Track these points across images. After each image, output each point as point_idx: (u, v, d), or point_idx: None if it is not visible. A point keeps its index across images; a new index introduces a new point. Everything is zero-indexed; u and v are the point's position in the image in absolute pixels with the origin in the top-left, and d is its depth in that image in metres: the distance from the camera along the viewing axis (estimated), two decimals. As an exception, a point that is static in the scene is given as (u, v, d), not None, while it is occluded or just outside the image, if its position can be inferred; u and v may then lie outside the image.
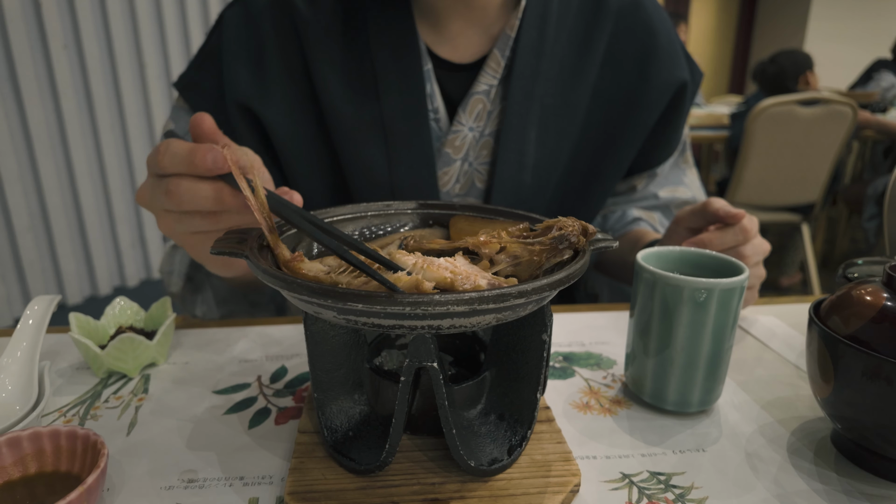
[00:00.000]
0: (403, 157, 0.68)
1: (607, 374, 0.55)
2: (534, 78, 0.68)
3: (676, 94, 0.73)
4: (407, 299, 0.30)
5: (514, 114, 0.68)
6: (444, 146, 0.70)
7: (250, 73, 0.68)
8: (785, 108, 2.37)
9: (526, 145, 0.69)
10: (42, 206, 2.26)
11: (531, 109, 0.68)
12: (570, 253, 0.38)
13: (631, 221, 0.81)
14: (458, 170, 0.71)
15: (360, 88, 0.67)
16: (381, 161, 0.68)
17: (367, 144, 0.68)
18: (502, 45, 0.68)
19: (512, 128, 0.68)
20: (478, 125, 0.69)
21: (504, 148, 0.68)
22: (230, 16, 0.69)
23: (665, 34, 0.73)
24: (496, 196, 0.70)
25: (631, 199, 0.82)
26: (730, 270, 0.47)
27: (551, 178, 0.72)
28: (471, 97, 0.68)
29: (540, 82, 0.68)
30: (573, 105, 0.70)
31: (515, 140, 0.69)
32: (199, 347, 0.59)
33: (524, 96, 0.68)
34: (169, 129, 0.70)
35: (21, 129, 2.15)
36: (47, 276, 2.32)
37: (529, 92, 0.68)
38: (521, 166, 0.69)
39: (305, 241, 0.44)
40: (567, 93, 0.70)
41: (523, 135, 0.69)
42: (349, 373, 0.44)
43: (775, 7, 6.45)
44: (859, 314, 0.39)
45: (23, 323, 0.50)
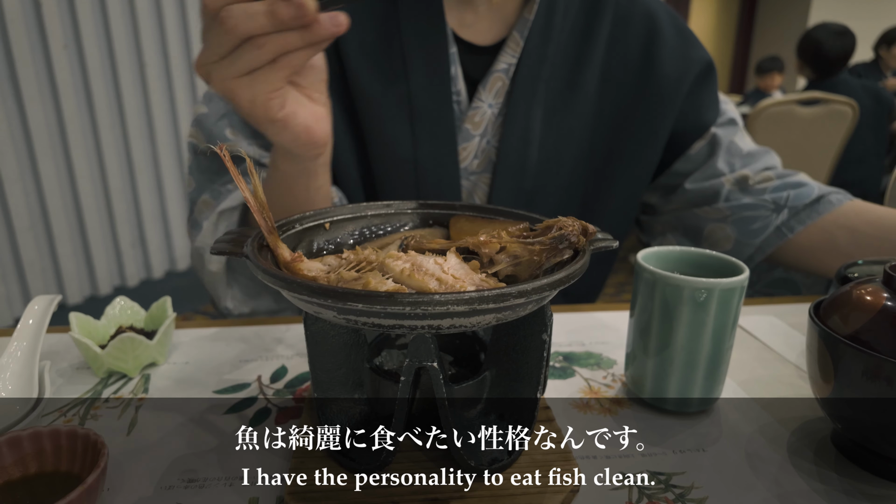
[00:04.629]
0: (427, 135, 0.72)
1: (607, 374, 0.55)
2: (540, 61, 0.72)
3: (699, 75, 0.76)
4: (407, 299, 0.30)
5: (520, 92, 0.72)
6: (464, 122, 0.74)
7: None
8: (785, 107, 2.37)
9: (531, 122, 0.73)
10: (42, 206, 2.26)
11: (537, 90, 0.72)
12: (570, 253, 0.38)
13: (816, 200, 0.74)
14: (476, 146, 0.75)
15: (388, 69, 0.71)
16: (406, 138, 0.71)
17: (393, 122, 0.71)
18: (521, 28, 0.72)
19: (517, 105, 0.72)
20: (497, 102, 0.73)
21: (509, 123, 0.72)
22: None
23: (668, 21, 0.77)
24: (501, 168, 0.73)
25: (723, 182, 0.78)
26: (730, 270, 0.47)
27: (562, 155, 0.76)
28: (491, 75, 0.73)
29: (546, 66, 0.73)
30: (580, 88, 0.74)
31: (520, 116, 0.72)
32: (199, 347, 0.59)
33: (530, 77, 0.72)
34: (201, 112, 0.71)
35: (21, 129, 2.14)
36: (47, 276, 2.32)
37: (536, 74, 0.72)
38: (525, 142, 0.73)
39: (305, 240, 0.44)
40: (574, 77, 0.74)
41: (528, 112, 0.72)
42: (349, 373, 0.44)
43: (775, 7, 6.45)
44: (859, 314, 0.39)
45: (23, 322, 0.50)
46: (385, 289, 0.33)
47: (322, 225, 0.45)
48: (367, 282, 0.34)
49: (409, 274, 0.34)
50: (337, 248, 0.46)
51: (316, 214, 0.45)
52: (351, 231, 0.47)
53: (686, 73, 0.76)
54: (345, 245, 0.46)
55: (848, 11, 5.57)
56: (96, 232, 2.45)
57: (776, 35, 6.39)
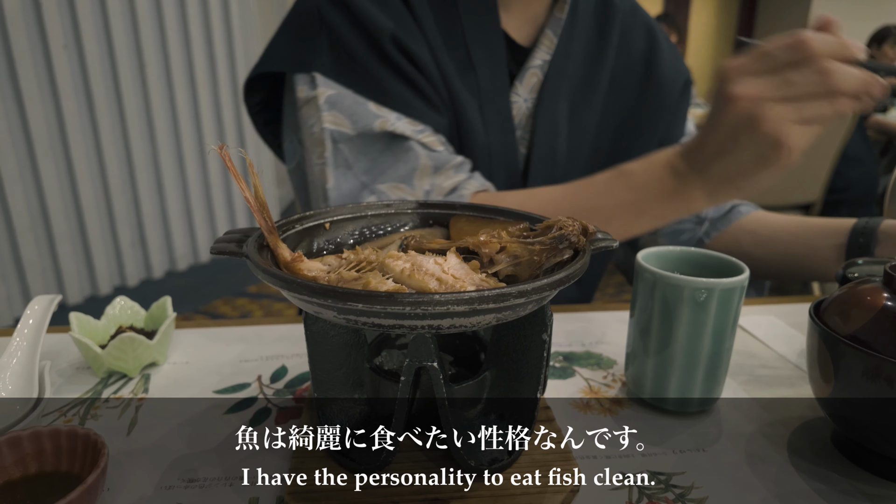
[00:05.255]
0: (494, 124, 0.74)
1: (607, 374, 0.55)
2: (566, 57, 0.77)
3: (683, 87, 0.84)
4: (407, 299, 0.30)
5: (550, 87, 0.76)
6: None
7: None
8: (785, 108, 2.37)
9: (558, 116, 0.77)
10: (42, 206, 2.26)
11: (562, 85, 0.77)
12: (570, 253, 0.38)
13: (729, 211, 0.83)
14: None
15: (457, 59, 0.73)
16: (479, 126, 0.73)
17: (470, 109, 0.73)
18: (554, 27, 0.77)
19: (548, 99, 0.76)
20: (531, 96, 0.77)
21: (542, 116, 0.76)
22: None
23: (662, 35, 0.85)
24: (535, 159, 0.77)
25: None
26: (730, 270, 0.47)
27: (583, 149, 0.80)
28: (527, 70, 0.76)
29: (570, 62, 0.77)
30: (594, 85, 0.79)
31: (551, 111, 0.76)
32: (199, 347, 0.59)
33: (559, 74, 0.76)
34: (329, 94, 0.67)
35: (21, 129, 2.15)
36: (47, 276, 2.32)
37: (563, 71, 0.76)
38: (555, 135, 0.77)
39: (305, 241, 0.44)
40: (589, 75, 0.79)
41: (555, 106, 0.76)
42: (349, 372, 0.44)
43: (775, 7, 6.45)
44: (859, 314, 0.39)
45: (23, 322, 0.50)
46: (385, 289, 0.33)
47: (322, 225, 0.45)
48: (367, 282, 0.34)
49: (409, 274, 0.34)
50: (337, 248, 0.46)
51: (316, 214, 0.45)
52: (351, 231, 0.47)
53: (676, 83, 0.83)
54: (345, 245, 0.46)
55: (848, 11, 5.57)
56: (96, 232, 2.45)
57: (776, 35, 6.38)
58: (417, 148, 0.67)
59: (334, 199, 0.68)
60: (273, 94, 0.79)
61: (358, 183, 0.68)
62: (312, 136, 0.69)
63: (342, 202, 0.68)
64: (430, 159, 0.67)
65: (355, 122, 0.67)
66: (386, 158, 0.67)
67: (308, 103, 0.68)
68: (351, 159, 0.68)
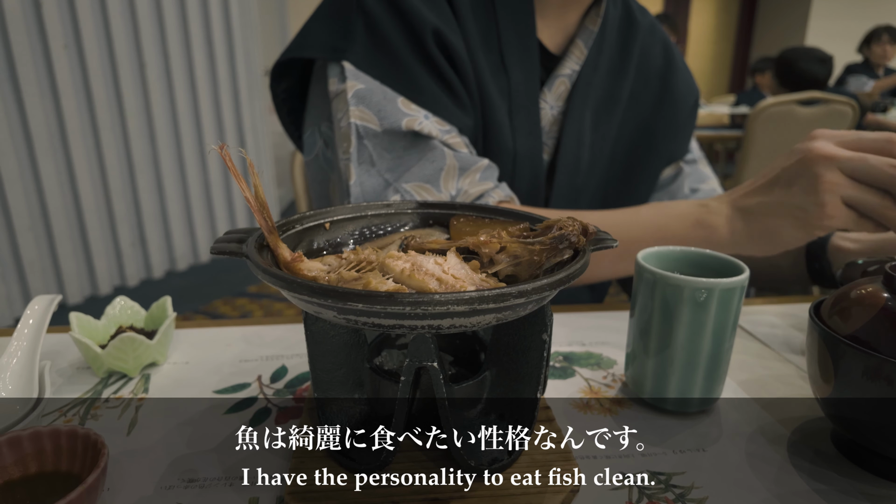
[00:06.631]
0: (522, 129, 0.75)
1: (607, 374, 0.55)
2: (594, 68, 0.78)
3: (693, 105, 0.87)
4: (407, 299, 0.30)
5: (578, 96, 0.77)
6: None
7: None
8: (785, 107, 2.37)
9: (583, 125, 0.78)
10: (42, 206, 2.26)
11: (589, 95, 0.78)
12: (571, 253, 0.38)
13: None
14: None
15: (491, 62, 0.73)
16: (506, 128, 0.74)
17: (499, 112, 0.73)
18: (586, 37, 0.78)
19: (575, 108, 0.77)
20: (558, 104, 0.78)
21: (569, 124, 0.77)
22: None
23: (677, 53, 0.87)
24: (560, 166, 0.78)
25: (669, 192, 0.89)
26: (730, 270, 0.47)
27: (602, 159, 0.82)
28: (556, 78, 0.77)
29: (597, 74, 0.79)
30: (616, 98, 0.81)
31: (577, 119, 0.78)
32: (199, 347, 0.59)
33: (585, 83, 0.78)
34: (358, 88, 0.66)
35: (21, 129, 2.15)
36: (47, 276, 2.32)
37: (590, 81, 0.78)
38: (579, 144, 0.79)
39: (305, 240, 0.44)
40: (612, 87, 0.80)
41: (582, 115, 0.78)
42: (349, 373, 0.44)
43: (775, 7, 6.45)
44: (859, 314, 0.39)
45: (23, 322, 0.50)
46: (385, 289, 0.33)
47: (322, 225, 0.45)
48: (367, 282, 0.34)
49: (409, 274, 0.34)
50: (337, 248, 0.46)
51: (316, 214, 0.45)
52: (351, 231, 0.47)
53: (688, 101, 0.86)
54: (345, 245, 0.46)
55: (848, 11, 5.57)
56: (96, 232, 2.46)
57: (776, 35, 6.38)
58: (443, 148, 0.67)
59: (356, 196, 0.67)
60: (300, 83, 0.78)
61: (381, 180, 0.67)
62: (340, 130, 0.68)
63: (364, 199, 0.67)
64: (457, 160, 0.67)
65: (382, 118, 0.66)
66: (411, 156, 0.67)
67: (337, 97, 0.68)
68: (375, 156, 0.67)
